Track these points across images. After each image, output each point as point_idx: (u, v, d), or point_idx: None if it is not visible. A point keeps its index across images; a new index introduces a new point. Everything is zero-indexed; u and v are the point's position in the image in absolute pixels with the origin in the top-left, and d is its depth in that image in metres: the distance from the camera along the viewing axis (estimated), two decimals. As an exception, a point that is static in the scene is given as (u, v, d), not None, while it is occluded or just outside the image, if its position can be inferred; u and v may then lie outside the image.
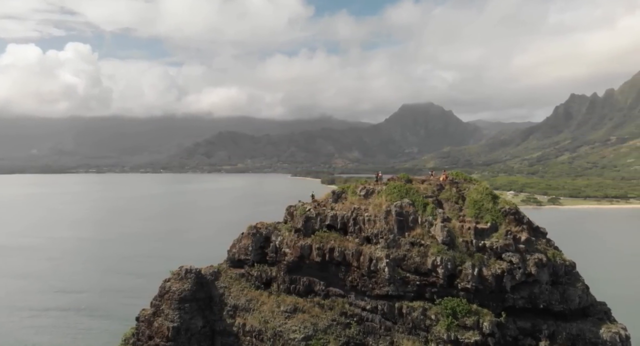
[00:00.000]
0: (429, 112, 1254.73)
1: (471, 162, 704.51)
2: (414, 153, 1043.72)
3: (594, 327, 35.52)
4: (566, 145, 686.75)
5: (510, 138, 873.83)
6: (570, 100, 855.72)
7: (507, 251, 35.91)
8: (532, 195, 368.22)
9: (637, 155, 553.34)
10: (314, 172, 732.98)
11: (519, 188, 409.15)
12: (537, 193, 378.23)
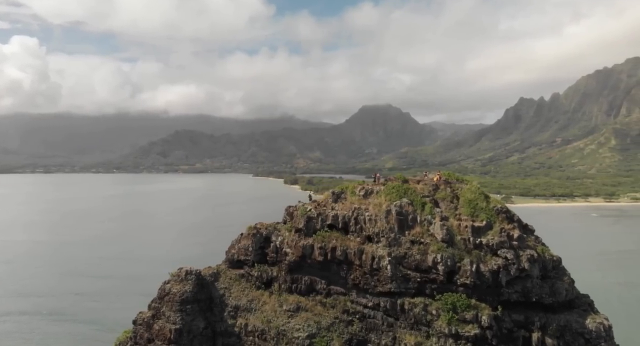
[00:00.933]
0: (387, 113, 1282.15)
1: (427, 162, 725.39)
2: (374, 153, 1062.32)
3: (580, 318, 38.17)
4: (516, 146, 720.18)
5: (464, 139, 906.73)
6: (520, 104, 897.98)
7: (502, 248, 37.99)
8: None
9: (580, 156, 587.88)
10: (276, 172, 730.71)
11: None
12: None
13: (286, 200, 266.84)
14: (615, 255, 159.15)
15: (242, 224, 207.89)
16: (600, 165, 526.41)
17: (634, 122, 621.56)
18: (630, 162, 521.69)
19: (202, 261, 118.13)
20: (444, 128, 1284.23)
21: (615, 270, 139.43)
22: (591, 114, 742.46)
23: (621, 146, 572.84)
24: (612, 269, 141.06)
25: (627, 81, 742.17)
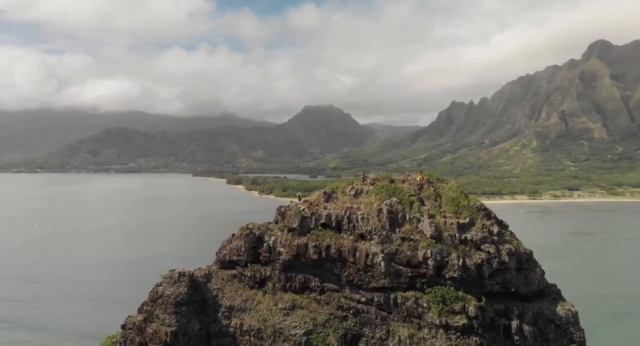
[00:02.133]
0: (329, 114, 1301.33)
1: (368, 162, 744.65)
2: (317, 153, 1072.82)
3: (551, 306, 42.11)
4: (448, 147, 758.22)
5: (401, 140, 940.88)
6: (452, 107, 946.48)
7: (484, 243, 41.07)
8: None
9: (506, 156, 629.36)
10: (217, 172, 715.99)
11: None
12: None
13: (232, 201, 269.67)
14: (543, 247, 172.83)
15: (187, 226, 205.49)
16: (523, 165, 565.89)
17: (553, 125, 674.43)
18: (550, 163, 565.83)
19: (145, 264, 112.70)
20: (383, 130, 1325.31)
21: (548, 261, 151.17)
22: (515, 118, 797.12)
23: (542, 147, 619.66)
24: (546, 260, 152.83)
25: (547, 87, 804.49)
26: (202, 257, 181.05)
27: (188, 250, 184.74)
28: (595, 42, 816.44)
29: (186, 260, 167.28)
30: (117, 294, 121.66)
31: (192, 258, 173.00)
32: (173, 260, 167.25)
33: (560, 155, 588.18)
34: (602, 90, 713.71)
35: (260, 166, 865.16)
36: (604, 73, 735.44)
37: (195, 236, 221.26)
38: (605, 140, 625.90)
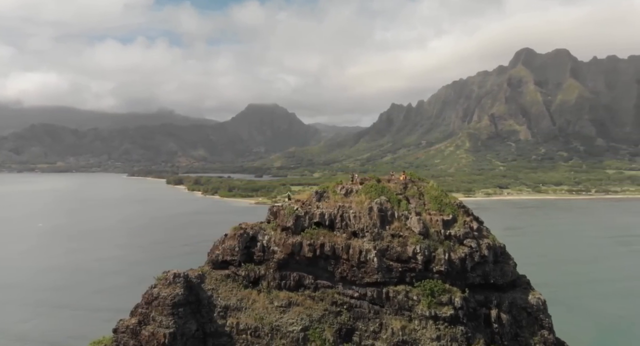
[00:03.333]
0: (274, 112, 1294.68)
1: (313, 162, 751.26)
2: (262, 152, 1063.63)
3: (523, 295, 45.99)
4: (389, 148, 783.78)
5: (344, 140, 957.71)
6: (392, 109, 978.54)
7: (467, 238, 44.15)
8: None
9: (442, 156, 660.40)
10: (155, 172, 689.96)
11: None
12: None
13: (175, 202, 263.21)
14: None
15: (130, 229, 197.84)
16: (458, 165, 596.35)
17: (483, 127, 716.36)
18: (481, 162, 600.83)
19: (86, 269, 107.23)
20: (327, 130, 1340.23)
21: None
22: (450, 120, 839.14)
23: (474, 148, 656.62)
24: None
25: (478, 91, 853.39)
26: (151, 259, 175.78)
27: (134, 253, 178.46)
28: (521, 50, 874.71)
29: (135, 263, 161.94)
30: (58, 299, 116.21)
31: (140, 261, 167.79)
32: (120, 264, 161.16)
33: (490, 155, 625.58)
34: (527, 95, 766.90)
35: (202, 165, 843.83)
36: (528, 79, 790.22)
37: (139, 239, 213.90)
38: (530, 142, 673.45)
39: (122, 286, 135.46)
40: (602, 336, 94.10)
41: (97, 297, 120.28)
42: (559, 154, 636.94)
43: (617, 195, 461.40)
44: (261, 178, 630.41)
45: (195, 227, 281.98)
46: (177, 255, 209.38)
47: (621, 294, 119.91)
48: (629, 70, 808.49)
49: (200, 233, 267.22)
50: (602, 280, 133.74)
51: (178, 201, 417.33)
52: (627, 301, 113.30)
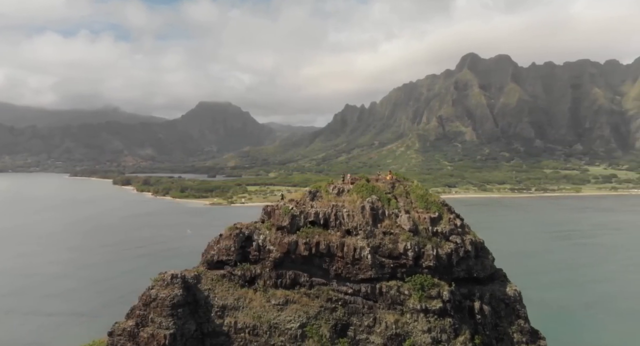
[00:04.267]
0: (227, 111, 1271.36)
1: (268, 161, 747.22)
2: (214, 151, 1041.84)
3: (501, 287, 49.08)
4: (343, 148, 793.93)
5: (300, 140, 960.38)
6: (346, 110, 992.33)
7: (452, 234, 46.59)
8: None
9: (393, 156, 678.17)
10: (100, 172, 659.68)
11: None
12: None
13: (124, 203, 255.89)
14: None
15: (81, 232, 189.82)
16: (408, 165, 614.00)
17: (432, 129, 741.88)
18: (430, 162, 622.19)
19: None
20: (282, 129, 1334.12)
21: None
22: (400, 121, 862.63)
23: (423, 149, 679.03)
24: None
25: (427, 94, 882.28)
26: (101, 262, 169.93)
27: (84, 257, 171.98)
28: (467, 55, 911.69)
29: (85, 267, 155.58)
30: (8, 304, 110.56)
31: (91, 264, 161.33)
32: (70, 268, 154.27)
33: (438, 155, 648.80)
34: (472, 98, 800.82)
35: (150, 165, 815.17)
36: (474, 83, 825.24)
37: (89, 242, 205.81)
38: (475, 143, 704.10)
39: (73, 289, 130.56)
40: (548, 327, 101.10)
41: (48, 301, 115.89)
42: (502, 154, 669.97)
43: (555, 193, 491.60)
44: (214, 178, 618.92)
45: (149, 229, 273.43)
46: (130, 258, 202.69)
47: (562, 284, 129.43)
48: (564, 76, 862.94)
49: (155, 235, 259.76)
50: (546, 272, 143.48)
51: (127, 202, 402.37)
52: (567, 291, 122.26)
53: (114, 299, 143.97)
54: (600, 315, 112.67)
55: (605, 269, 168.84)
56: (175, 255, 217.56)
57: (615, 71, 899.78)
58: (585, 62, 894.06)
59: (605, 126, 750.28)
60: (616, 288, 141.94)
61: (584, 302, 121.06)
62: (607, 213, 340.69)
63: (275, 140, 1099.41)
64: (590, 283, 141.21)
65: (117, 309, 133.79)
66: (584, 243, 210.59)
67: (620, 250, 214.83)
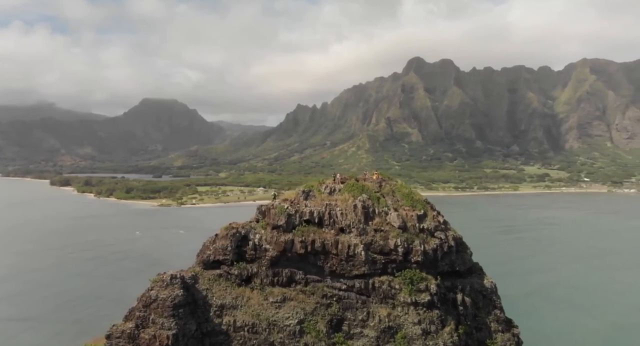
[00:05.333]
0: (173, 108, 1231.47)
1: (218, 161, 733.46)
2: (159, 150, 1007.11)
3: (479, 280, 52.29)
4: (296, 148, 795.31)
5: (251, 139, 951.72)
6: (298, 110, 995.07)
7: (437, 230, 49.12)
8: (279, 190, 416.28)
9: (345, 156, 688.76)
10: (35, 172, 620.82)
11: (267, 185, 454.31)
12: (282, 188, 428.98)
13: (65, 205, 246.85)
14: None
15: (18, 235, 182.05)
16: (359, 165, 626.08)
17: (381, 130, 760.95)
18: (380, 162, 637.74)
19: None
20: (232, 128, 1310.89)
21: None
22: (351, 122, 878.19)
23: (373, 149, 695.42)
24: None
25: (376, 96, 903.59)
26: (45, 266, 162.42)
27: (25, 261, 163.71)
28: (413, 59, 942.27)
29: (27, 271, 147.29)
30: None
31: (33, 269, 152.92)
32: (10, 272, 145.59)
33: (387, 155, 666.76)
34: (418, 100, 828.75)
35: (90, 165, 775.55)
36: (419, 86, 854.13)
37: (31, 245, 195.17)
38: (421, 143, 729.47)
39: (19, 294, 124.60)
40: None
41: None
42: (445, 155, 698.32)
43: (495, 192, 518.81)
44: (161, 178, 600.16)
45: (95, 231, 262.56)
46: (77, 261, 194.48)
47: (504, 275, 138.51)
48: (501, 81, 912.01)
49: (102, 237, 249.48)
50: (489, 264, 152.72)
51: (69, 204, 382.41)
52: (509, 281, 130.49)
53: (61, 303, 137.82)
54: (540, 303, 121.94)
55: (543, 261, 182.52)
56: (125, 257, 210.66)
57: (547, 77, 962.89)
58: (520, 68, 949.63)
59: (539, 128, 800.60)
60: (553, 278, 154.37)
61: (524, 292, 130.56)
62: (542, 209, 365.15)
63: (225, 139, 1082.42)
64: (529, 274, 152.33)
65: (66, 313, 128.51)
66: (523, 237, 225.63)
67: (555, 243, 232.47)
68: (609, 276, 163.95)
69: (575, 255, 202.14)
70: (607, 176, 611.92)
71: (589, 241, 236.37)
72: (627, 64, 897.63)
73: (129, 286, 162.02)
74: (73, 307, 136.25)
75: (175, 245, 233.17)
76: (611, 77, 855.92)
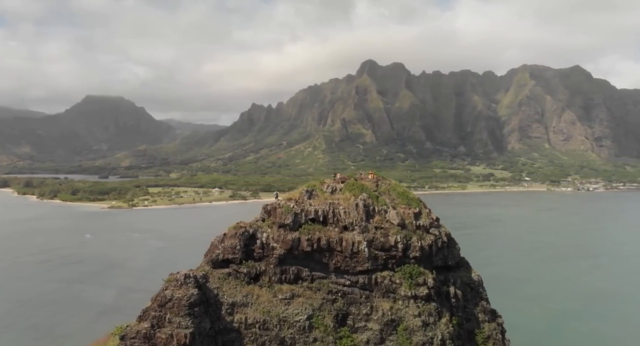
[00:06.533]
0: (119, 106, 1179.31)
1: (169, 161, 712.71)
2: (104, 150, 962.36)
3: (467, 273, 55.40)
4: (251, 147, 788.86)
5: (203, 139, 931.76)
6: (252, 109, 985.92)
7: (432, 227, 51.64)
8: (236, 191, 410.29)
9: (301, 156, 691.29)
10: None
11: (223, 185, 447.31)
12: (239, 189, 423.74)
13: (6, 208, 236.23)
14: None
15: None
16: (316, 164, 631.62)
17: (337, 130, 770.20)
18: (336, 162, 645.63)
19: None
20: (182, 127, 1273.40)
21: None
22: (307, 122, 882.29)
23: (329, 149, 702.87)
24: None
25: (331, 97, 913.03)
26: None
27: None
28: (366, 61, 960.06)
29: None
30: None
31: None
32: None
33: (343, 155, 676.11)
34: (371, 102, 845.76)
35: (29, 165, 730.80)
36: (372, 88, 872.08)
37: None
38: (375, 144, 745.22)
39: None
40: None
41: None
42: (397, 155, 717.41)
43: (445, 191, 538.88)
44: (107, 179, 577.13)
45: (42, 235, 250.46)
46: (24, 265, 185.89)
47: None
48: (449, 84, 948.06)
49: (50, 241, 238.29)
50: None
51: (9, 206, 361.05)
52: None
53: (14, 308, 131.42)
54: (490, 295, 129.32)
55: (491, 255, 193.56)
56: (78, 261, 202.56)
57: (491, 81, 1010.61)
58: (467, 73, 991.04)
59: (484, 130, 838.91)
60: (500, 270, 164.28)
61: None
62: (488, 207, 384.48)
63: (175, 139, 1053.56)
64: (479, 267, 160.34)
65: (21, 319, 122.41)
66: (472, 234, 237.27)
67: (501, 238, 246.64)
68: (549, 268, 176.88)
69: (520, 249, 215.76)
70: (546, 175, 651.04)
71: (531, 236, 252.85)
72: (563, 70, 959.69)
73: (86, 289, 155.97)
74: (28, 312, 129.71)
75: (131, 247, 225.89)
76: (549, 82, 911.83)
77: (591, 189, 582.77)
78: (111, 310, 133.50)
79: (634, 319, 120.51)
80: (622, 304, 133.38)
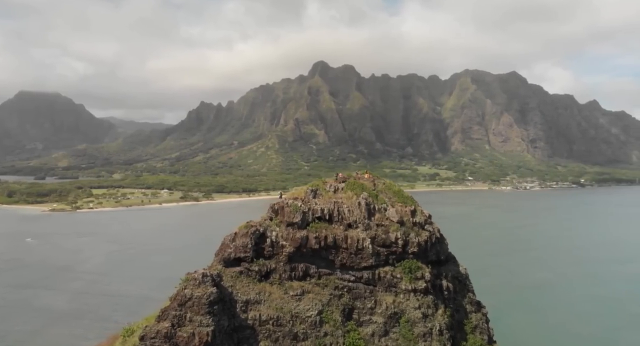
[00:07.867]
0: (55, 103, 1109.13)
1: (111, 161, 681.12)
2: (39, 149, 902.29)
3: (455, 267, 58.53)
4: (200, 147, 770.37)
5: (148, 138, 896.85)
6: (201, 107, 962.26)
7: (426, 224, 54.19)
8: (187, 192, 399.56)
9: (254, 157, 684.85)
10: None
11: (172, 186, 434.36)
12: (190, 190, 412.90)
13: None
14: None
15: None
16: (269, 165, 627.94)
17: (290, 131, 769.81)
18: (289, 163, 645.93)
19: None
20: (124, 125, 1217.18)
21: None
22: (259, 122, 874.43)
23: (282, 149, 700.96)
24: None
25: (283, 97, 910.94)
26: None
27: None
28: (318, 63, 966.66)
29: None
30: None
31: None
32: None
33: (296, 156, 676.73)
34: (324, 103, 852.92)
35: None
36: (324, 89, 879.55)
37: None
38: (327, 144, 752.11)
39: None
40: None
41: None
42: (349, 156, 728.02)
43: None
44: (44, 180, 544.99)
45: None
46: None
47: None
48: (397, 87, 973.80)
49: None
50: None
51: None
52: None
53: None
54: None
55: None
56: (22, 265, 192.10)
57: (436, 85, 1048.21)
58: (413, 76, 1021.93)
59: (429, 132, 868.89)
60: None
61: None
62: (435, 205, 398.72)
63: (117, 137, 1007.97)
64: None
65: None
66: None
67: (447, 234, 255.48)
68: (494, 261, 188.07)
69: (466, 245, 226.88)
70: (487, 175, 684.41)
71: (476, 231, 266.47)
72: (501, 75, 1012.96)
73: (37, 294, 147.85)
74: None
75: (81, 251, 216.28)
76: (489, 86, 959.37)
77: (528, 188, 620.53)
78: (67, 315, 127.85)
79: (574, 305, 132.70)
80: (561, 292, 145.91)
